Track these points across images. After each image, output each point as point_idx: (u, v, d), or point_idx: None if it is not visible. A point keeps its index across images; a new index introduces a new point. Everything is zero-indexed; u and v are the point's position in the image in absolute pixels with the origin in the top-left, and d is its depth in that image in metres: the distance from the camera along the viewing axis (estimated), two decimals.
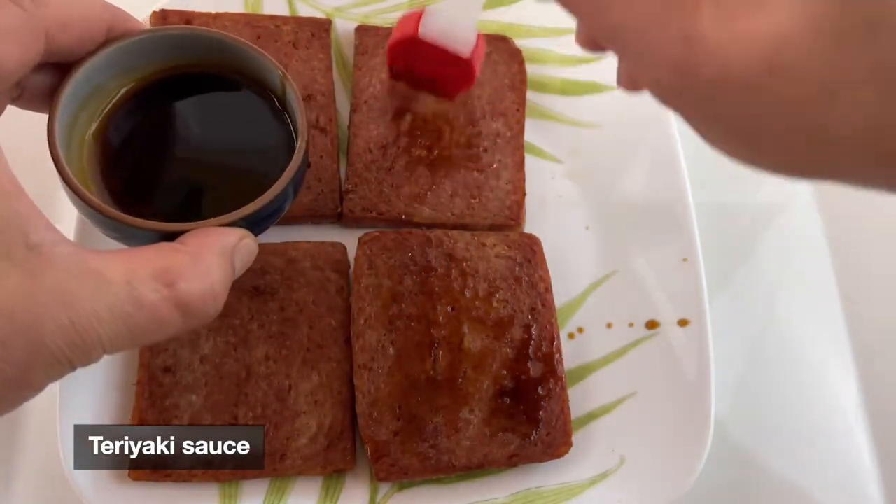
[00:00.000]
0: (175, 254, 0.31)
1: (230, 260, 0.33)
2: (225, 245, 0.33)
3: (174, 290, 0.30)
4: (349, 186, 0.54)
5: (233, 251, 0.33)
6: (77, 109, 0.36)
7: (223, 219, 0.34)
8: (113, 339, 0.28)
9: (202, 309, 0.31)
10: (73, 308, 0.27)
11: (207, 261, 0.32)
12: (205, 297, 0.31)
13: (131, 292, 0.28)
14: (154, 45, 0.38)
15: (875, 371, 0.55)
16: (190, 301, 0.30)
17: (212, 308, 0.32)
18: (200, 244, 0.32)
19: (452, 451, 0.47)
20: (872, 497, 0.52)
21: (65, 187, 0.34)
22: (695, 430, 0.48)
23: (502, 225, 0.55)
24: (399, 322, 0.49)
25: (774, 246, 0.59)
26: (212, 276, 0.31)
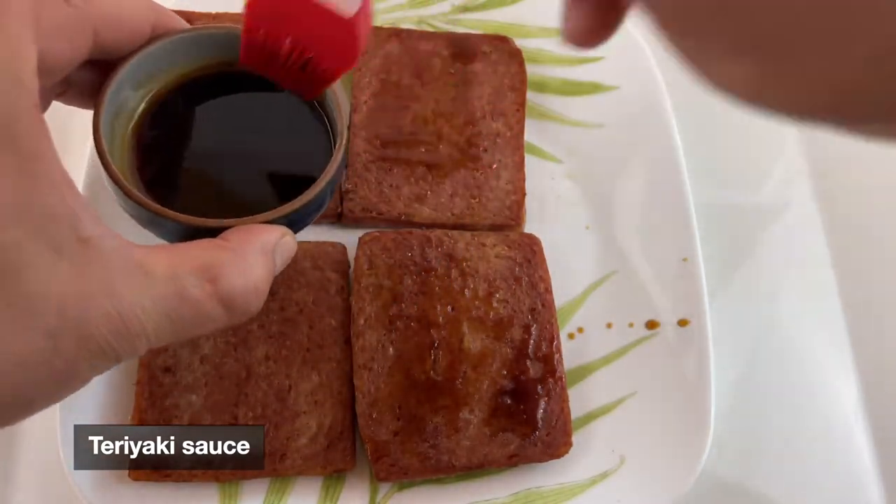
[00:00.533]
0: (218, 250, 0.32)
1: (271, 257, 0.33)
2: (266, 242, 0.33)
3: (217, 285, 0.30)
4: (349, 186, 0.54)
5: (274, 248, 0.33)
6: (120, 106, 0.37)
7: (265, 216, 0.34)
8: (157, 330, 0.29)
9: (244, 304, 0.31)
10: (119, 299, 0.27)
11: (250, 257, 0.32)
12: (247, 293, 0.31)
13: (175, 286, 0.29)
14: (197, 43, 0.38)
15: (875, 371, 0.55)
16: (233, 296, 0.31)
17: (254, 304, 0.32)
18: (243, 241, 0.32)
19: (452, 451, 0.47)
20: (872, 497, 0.52)
21: (110, 183, 0.34)
22: (695, 430, 0.48)
23: (502, 225, 0.55)
24: (399, 322, 0.49)
25: (774, 246, 0.59)
26: (254, 272, 0.32)
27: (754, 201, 0.61)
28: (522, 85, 0.58)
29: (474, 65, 0.58)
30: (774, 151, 0.63)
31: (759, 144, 0.62)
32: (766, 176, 0.62)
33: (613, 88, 0.58)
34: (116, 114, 0.37)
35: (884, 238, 0.60)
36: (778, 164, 0.62)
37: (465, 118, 0.56)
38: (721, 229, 0.58)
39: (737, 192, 0.61)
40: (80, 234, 0.27)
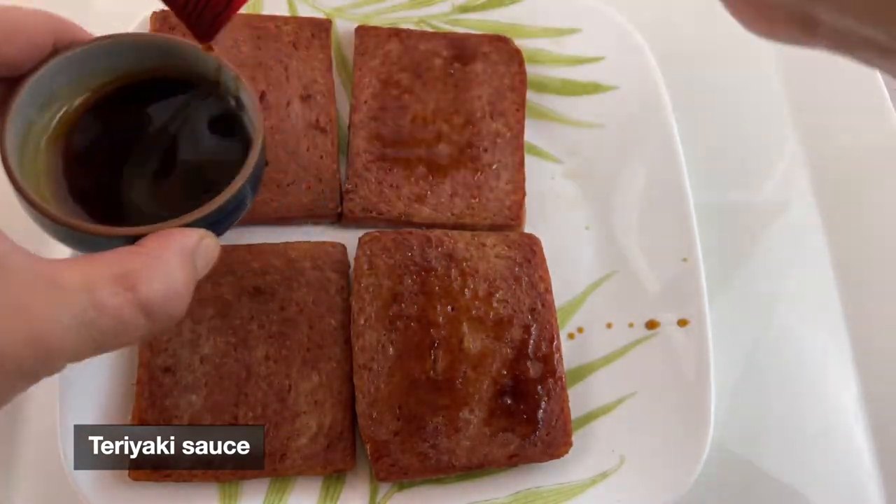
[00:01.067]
0: (134, 257, 0.31)
1: (191, 260, 0.33)
2: (185, 245, 0.33)
3: (136, 292, 0.29)
4: (349, 186, 0.54)
5: (193, 251, 0.33)
6: (29, 121, 0.36)
7: (182, 220, 0.34)
8: (77, 346, 0.28)
9: (166, 310, 0.31)
10: (33, 316, 0.26)
11: (168, 262, 0.31)
12: (168, 299, 0.31)
13: (91, 298, 0.28)
14: (104, 52, 0.38)
15: (875, 371, 0.55)
16: (153, 303, 0.30)
17: (176, 309, 0.31)
18: (160, 246, 0.32)
19: (452, 451, 0.47)
20: (872, 497, 0.52)
21: (19, 199, 0.34)
22: (694, 430, 0.48)
23: (502, 225, 0.55)
24: (399, 322, 0.49)
25: (774, 246, 0.59)
26: (173, 276, 0.31)
27: (754, 201, 0.61)
28: (522, 85, 0.58)
29: (474, 65, 0.58)
30: (774, 151, 0.63)
31: (759, 144, 0.62)
32: (766, 176, 0.62)
33: (613, 88, 0.58)
34: (27, 129, 0.36)
35: (884, 238, 0.59)
36: (778, 164, 0.62)
37: (465, 118, 0.56)
38: (721, 229, 0.58)
39: (737, 192, 0.61)
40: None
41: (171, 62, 0.40)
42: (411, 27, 0.59)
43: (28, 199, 0.33)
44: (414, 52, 0.58)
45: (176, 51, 0.39)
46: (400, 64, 0.57)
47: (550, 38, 0.60)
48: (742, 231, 0.59)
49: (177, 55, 0.39)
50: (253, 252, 0.51)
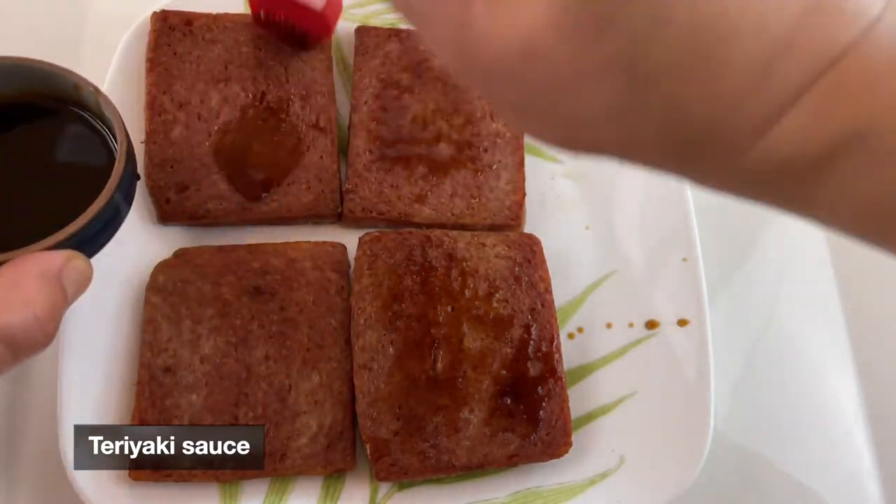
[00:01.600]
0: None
1: (57, 283, 0.31)
2: (46, 269, 0.31)
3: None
4: (349, 187, 0.54)
5: (59, 274, 0.32)
6: None
7: (42, 243, 0.33)
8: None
9: (28, 339, 0.30)
10: None
11: (25, 289, 0.30)
12: (27, 327, 0.29)
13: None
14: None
15: (875, 371, 0.55)
16: (11, 332, 0.29)
17: (39, 336, 0.30)
18: (17, 273, 0.31)
19: (452, 451, 0.47)
20: (872, 497, 0.52)
21: None
22: (694, 430, 0.48)
23: (502, 225, 0.55)
24: (399, 322, 0.49)
25: (774, 246, 0.59)
26: (33, 303, 0.30)
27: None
28: None
29: None
30: None
31: None
32: None
33: None
34: None
35: None
36: None
37: (465, 118, 0.56)
38: (721, 229, 0.58)
39: None
40: None
41: (28, 85, 0.38)
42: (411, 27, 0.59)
43: None
44: (414, 52, 0.57)
45: (31, 73, 0.38)
46: (400, 64, 0.57)
47: None
48: (742, 231, 0.59)
49: (33, 77, 0.38)
50: (253, 252, 0.51)
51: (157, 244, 0.52)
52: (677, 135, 0.24)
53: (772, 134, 0.22)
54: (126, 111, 0.53)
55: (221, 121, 0.53)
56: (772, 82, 0.22)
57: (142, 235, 0.52)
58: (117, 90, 0.53)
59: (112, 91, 0.53)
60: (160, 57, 0.54)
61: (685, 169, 0.25)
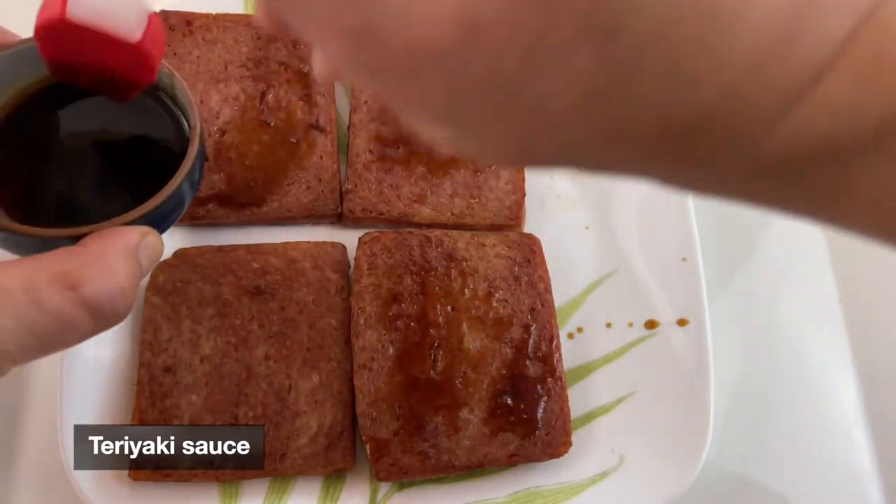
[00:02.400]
0: (75, 256, 0.31)
1: (135, 257, 0.32)
2: (127, 243, 0.32)
3: (78, 291, 0.29)
4: (349, 186, 0.54)
5: (136, 248, 0.33)
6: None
7: (122, 218, 0.34)
8: (22, 348, 0.28)
9: (111, 308, 0.30)
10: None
11: (110, 260, 0.31)
12: (112, 296, 0.30)
13: (33, 298, 0.28)
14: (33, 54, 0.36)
15: (875, 371, 0.55)
16: (97, 301, 0.29)
17: (121, 306, 0.31)
18: (101, 245, 0.32)
19: (452, 451, 0.47)
20: (872, 497, 0.52)
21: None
22: (694, 429, 0.48)
23: (502, 225, 0.55)
24: (399, 322, 0.49)
25: (774, 246, 0.59)
26: (116, 274, 0.31)
27: None
28: None
29: None
30: None
31: None
32: None
33: None
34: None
35: None
36: None
37: None
38: (721, 229, 0.58)
39: None
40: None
41: None
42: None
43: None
44: None
45: None
46: None
47: None
48: (742, 231, 0.59)
49: None
50: (253, 252, 0.51)
51: None
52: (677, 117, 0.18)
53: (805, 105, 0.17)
54: None
55: (221, 121, 0.53)
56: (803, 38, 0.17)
57: None
58: None
59: None
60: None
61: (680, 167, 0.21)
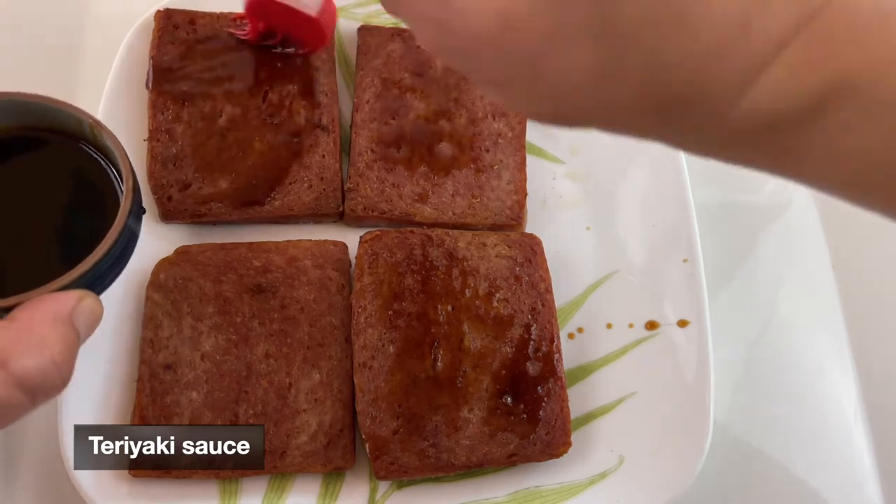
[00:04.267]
0: (3, 332, 0.30)
1: (69, 325, 0.31)
2: (60, 311, 0.31)
3: (8, 369, 0.28)
4: (351, 185, 0.54)
5: (71, 315, 0.31)
6: None
7: (53, 284, 0.32)
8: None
9: (45, 383, 0.29)
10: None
11: (40, 332, 0.30)
12: (45, 371, 0.29)
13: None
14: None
15: (874, 371, 0.55)
16: (29, 377, 0.29)
17: (57, 380, 0.30)
18: (31, 316, 0.31)
19: (452, 450, 0.47)
20: (872, 497, 0.52)
21: None
22: (694, 430, 0.48)
23: (503, 225, 0.55)
24: (399, 321, 0.49)
25: (774, 246, 0.59)
26: (48, 346, 0.30)
27: (754, 201, 0.61)
28: None
29: None
30: None
31: None
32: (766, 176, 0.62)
33: None
34: None
35: (884, 238, 0.60)
36: None
37: (467, 118, 0.56)
38: (721, 229, 0.58)
39: (737, 192, 0.61)
40: None
41: (29, 120, 0.38)
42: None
43: None
44: (416, 51, 0.58)
45: (32, 108, 0.37)
46: (402, 64, 0.57)
47: None
48: (742, 231, 0.59)
49: (34, 112, 0.37)
50: (254, 250, 0.51)
51: (159, 242, 0.52)
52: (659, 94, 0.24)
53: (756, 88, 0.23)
54: (129, 109, 0.54)
55: (224, 119, 0.53)
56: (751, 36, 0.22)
57: (143, 233, 0.51)
58: (120, 88, 0.54)
59: (114, 89, 0.54)
60: (163, 55, 0.54)
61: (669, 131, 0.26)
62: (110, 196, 0.38)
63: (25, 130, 0.38)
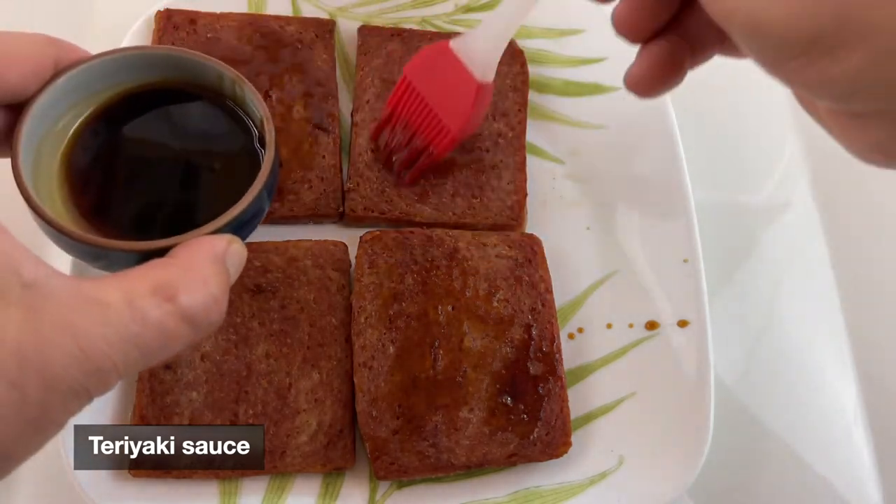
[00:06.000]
0: (169, 268, 0.31)
1: (223, 266, 0.33)
2: (216, 252, 0.33)
3: (176, 303, 0.29)
4: (351, 185, 0.54)
5: (224, 257, 0.33)
6: (39, 145, 0.36)
7: (208, 227, 0.34)
8: (126, 361, 0.28)
9: (207, 318, 0.31)
10: (81, 337, 0.27)
11: (202, 270, 0.32)
12: (207, 306, 0.31)
13: (134, 312, 0.28)
14: (105, 69, 0.38)
15: (874, 371, 0.55)
16: (194, 311, 0.30)
17: (216, 315, 0.32)
18: (191, 255, 0.32)
19: (452, 450, 0.47)
20: (872, 497, 0.52)
21: (42, 224, 0.34)
22: (694, 430, 0.48)
23: (503, 225, 0.55)
24: (399, 321, 0.49)
25: (774, 246, 0.59)
26: (209, 284, 0.31)
27: (754, 201, 0.61)
28: (524, 85, 0.58)
29: None
30: (774, 151, 0.63)
31: (759, 145, 0.63)
32: (766, 176, 0.62)
33: (615, 89, 0.58)
34: (38, 153, 0.36)
35: (883, 238, 0.60)
36: (778, 164, 0.63)
37: None
38: (721, 229, 0.58)
39: (737, 192, 0.61)
40: (24, 279, 0.26)
41: (172, 74, 0.40)
42: (413, 27, 0.60)
43: (50, 222, 0.33)
44: (416, 52, 0.57)
45: (176, 62, 0.39)
46: (402, 64, 0.57)
47: (553, 39, 0.60)
48: (742, 231, 0.59)
49: (177, 66, 0.39)
50: (254, 250, 0.51)
51: None
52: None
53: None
54: None
55: None
56: None
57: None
58: None
59: None
60: None
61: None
62: (249, 148, 0.40)
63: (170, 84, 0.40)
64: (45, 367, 0.26)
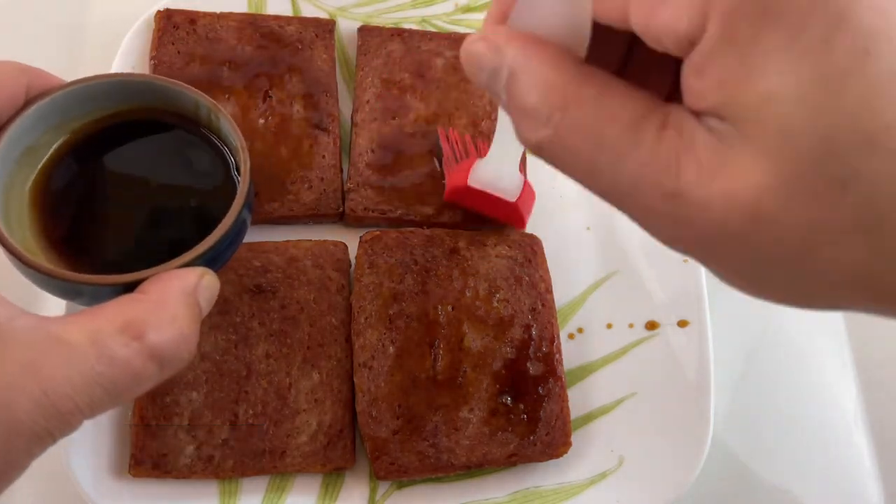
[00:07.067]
0: (138, 304, 0.31)
1: (195, 300, 0.32)
2: (186, 286, 0.32)
3: (144, 341, 0.29)
4: (351, 186, 0.54)
5: (195, 291, 0.33)
6: (10, 173, 0.36)
7: (179, 260, 0.34)
8: (91, 402, 0.28)
9: (176, 355, 0.30)
10: (44, 380, 0.26)
11: (172, 306, 0.31)
12: (176, 343, 0.30)
13: (100, 352, 0.28)
14: (79, 97, 0.37)
15: (874, 372, 0.55)
16: (162, 349, 0.30)
17: (185, 353, 0.31)
18: (161, 290, 0.32)
19: (452, 450, 0.47)
20: (872, 497, 0.52)
21: (11, 258, 0.33)
22: (694, 430, 0.48)
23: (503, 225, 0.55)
24: (399, 321, 0.49)
25: None
26: (179, 320, 0.31)
27: None
28: None
29: None
30: None
31: None
32: None
33: None
34: (9, 181, 0.36)
35: None
36: None
37: (468, 118, 0.56)
38: None
39: None
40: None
41: (148, 101, 0.39)
42: (414, 27, 0.60)
43: (17, 255, 0.33)
44: (416, 52, 0.58)
45: (151, 89, 0.39)
46: (402, 64, 0.57)
47: None
48: None
49: (153, 94, 0.39)
50: (254, 250, 0.51)
51: None
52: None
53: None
54: None
55: None
56: None
57: None
58: None
59: None
60: (163, 55, 0.54)
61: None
62: (225, 176, 0.39)
63: (144, 112, 0.40)
64: (7, 412, 0.26)
